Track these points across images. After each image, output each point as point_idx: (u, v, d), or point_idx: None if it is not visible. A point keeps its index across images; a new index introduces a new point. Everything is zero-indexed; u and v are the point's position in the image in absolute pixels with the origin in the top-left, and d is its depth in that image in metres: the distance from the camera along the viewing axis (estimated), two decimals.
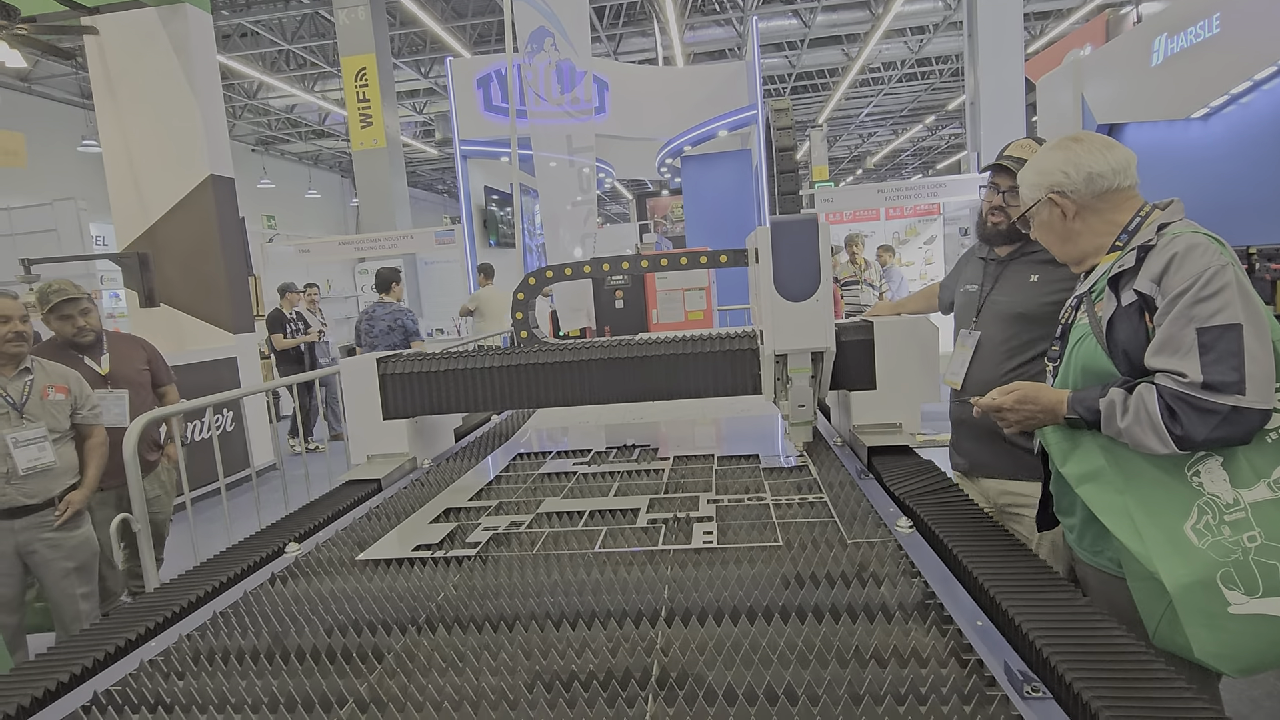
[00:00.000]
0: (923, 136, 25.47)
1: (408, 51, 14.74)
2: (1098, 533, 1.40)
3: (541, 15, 6.19)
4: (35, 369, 2.74)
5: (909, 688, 0.87)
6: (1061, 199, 1.44)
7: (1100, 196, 1.42)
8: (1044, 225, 1.51)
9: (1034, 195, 1.49)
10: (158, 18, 6.04)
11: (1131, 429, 1.25)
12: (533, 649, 1.03)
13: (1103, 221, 1.43)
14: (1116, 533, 1.29)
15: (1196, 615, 1.20)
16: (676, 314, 5.39)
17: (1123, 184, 1.41)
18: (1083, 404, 1.33)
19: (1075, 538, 1.50)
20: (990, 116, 11.18)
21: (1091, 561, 1.46)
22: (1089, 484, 1.35)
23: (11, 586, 2.67)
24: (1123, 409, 1.27)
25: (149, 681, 1.03)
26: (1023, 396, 1.42)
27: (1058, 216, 1.47)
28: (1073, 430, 1.39)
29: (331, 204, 23.95)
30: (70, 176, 13.31)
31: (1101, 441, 1.33)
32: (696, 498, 1.67)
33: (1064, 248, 1.51)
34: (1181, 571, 1.20)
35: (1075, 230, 1.46)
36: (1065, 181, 1.43)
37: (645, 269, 2.53)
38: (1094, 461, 1.34)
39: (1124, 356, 1.33)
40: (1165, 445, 1.23)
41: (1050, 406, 1.38)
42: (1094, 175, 1.40)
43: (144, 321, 6.36)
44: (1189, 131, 5.03)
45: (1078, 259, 1.50)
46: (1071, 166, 1.42)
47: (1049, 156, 1.46)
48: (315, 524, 1.70)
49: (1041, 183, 1.47)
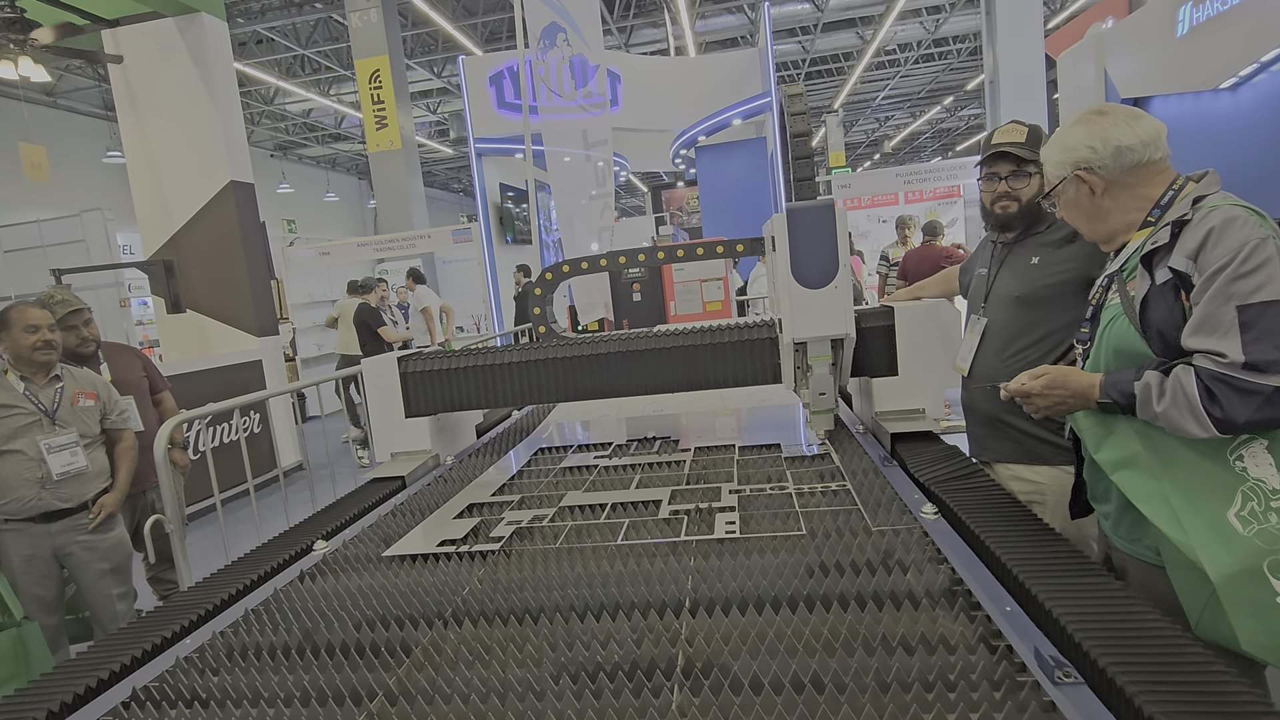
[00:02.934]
0: (941, 118, 25.06)
1: (420, 52, 14.80)
2: (1134, 520, 1.36)
3: (553, 11, 6.19)
4: (65, 376, 2.80)
5: (937, 675, 0.86)
6: (1089, 175, 1.39)
7: (1129, 171, 1.36)
8: (1071, 203, 1.46)
9: (1059, 173, 1.44)
10: (175, 28, 6.13)
11: (1169, 412, 1.21)
12: (558, 641, 1.04)
13: (1133, 197, 1.38)
14: (1155, 520, 1.24)
15: (1243, 605, 1.15)
16: (694, 305, 5.36)
17: (1153, 157, 1.35)
18: (1116, 387, 1.29)
19: (1111, 525, 1.46)
20: (1010, 95, 10.94)
21: (1129, 550, 1.42)
22: (1124, 470, 1.31)
23: (50, 588, 2.75)
24: (1159, 392, 1.22)
25: (185, 678, 1.05)
26: (1052, 381, 1.38)
27: (1085, 194, 1.41)
28: (1106, 415, 1.34)
29: (350, 206, 24.18)
30: (97, 187, 13.57)
31: (1137, 426, 1.29)
32: (718, 488, 1.66)
33: (1093, 226, 1.46)
34: (1226, 560, 1.16)
35: (1104, 207, 1.41)
36: (1092, 157, 1.37)
37: (661, 260, 2.52)
38: (1129, 447, 1.30)
39: (1159, 337, 1.28)
40: (1204, 429, 1.18)
41: (1081, 390, 1.34)
42: (1122, 149, 1.35)
43: (171, 327, 6.49)
44: (1217, 103, 4.89)
45: (1107, 237, 1.45)
46: (1098, 140, 1.36)
47: (1073, 132, 1.41)
48: (342, 521, 1.73)
49: (1067, 160, 1.41)
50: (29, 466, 2.62)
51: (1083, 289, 1.74)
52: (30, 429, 2.64)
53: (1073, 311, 1.80)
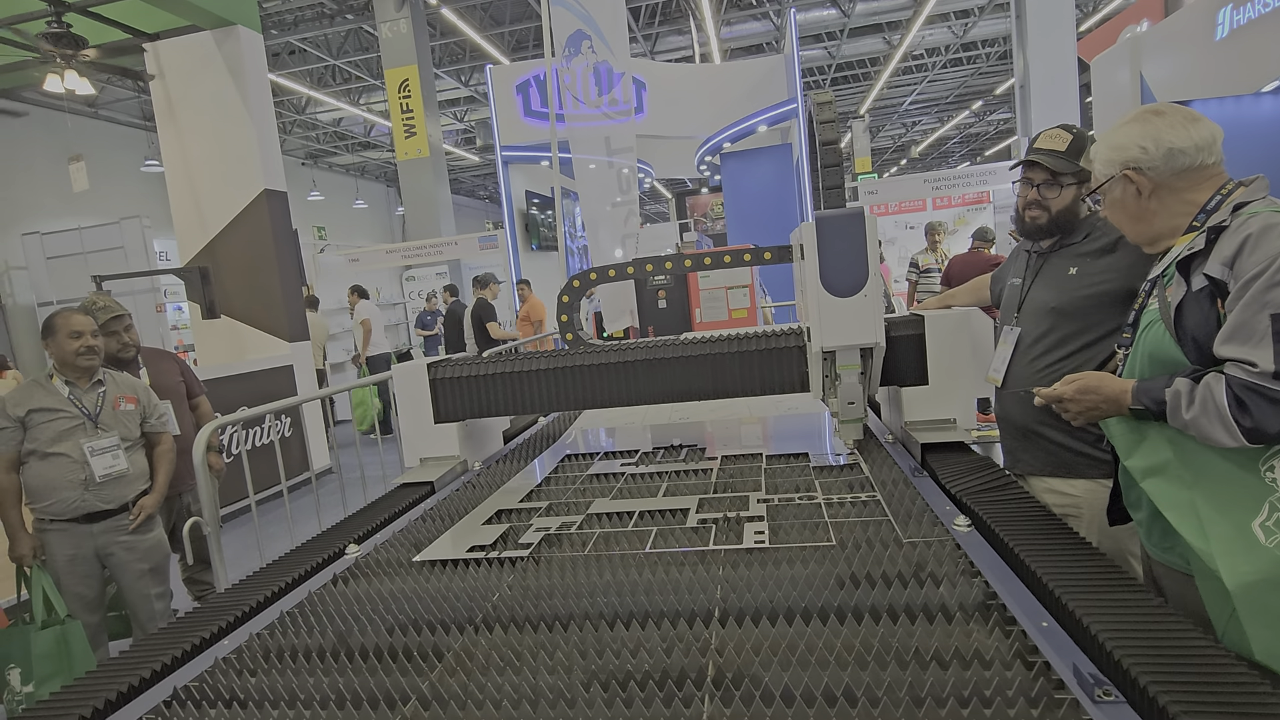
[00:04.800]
0: (970, 123, 24.76)
1: (448, 61, 15.02)
2: (1166, 528, 1.34)
3: (579, 19, 6.24)
4: (107, 381, 2.88)
5: (973, 690, 0.85)
6: (1137, 175, 1.36)
7: (1179, 174, 1.34)
8: (1116, 203, 1.43)
9: (1107, 171, 1.41)
10: (213, 40, 6.29)
11: (1198, 420, 1.19)
12: (588, 648, 1.04)
13: (1180, 201, 1.35)
14: (1180, 528, 1.23)
15: (1260, 615, 1.14)
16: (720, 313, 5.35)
17: (1205, 161, 1.33)
18: (1148, 394, 1.27)
19: (1145, 533, 1.44)
20: (1041, 99, 10.79)
21: (1161, 558, 1.40)
22: (1154, 477, 1.30)
23: (93, 587, 2.82)
24: (1188, 400, 1.21)
25: (223, 678, 1.08)
26: (1085, 386, 1.36)
27: (1132, 194, 1.39)
28: (1139, 421, 1.32)
29: (378, 213, 24.55)
30: (135, 196, 13.94)
31: (1169, 434, 1.27)
32: (746, 497, 1.66)
33: (1136, 227, 1.43)
34: (1245, 569, 1.15)
35: (1150, 209, 1.38)
36: (1143, 157, 1.35)
37: (689, 268, 2.52)
38: (1160, 454, 1.29)
39: (1193, 344, 1.26)
40: (1234, 438, 1.16)
41: (1114, 396, 1.33)
42: (1175, 151, 1.32)
43: (205, 332, 6.64)
44: (1259, 107, 4.78)
45: (1151, 240, 1.42)
46: (1150, 141, 1.34)
47: (1126, 130, 1.38)
48: (373, 526, 1.75)
49: (1116, 158, 1.39)
50: (73, 469, 2.70)
51: (1121, 300, 1.71)
52: (74, 432, 2.72)
53: (1110, 323, 1.77)
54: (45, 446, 2.68)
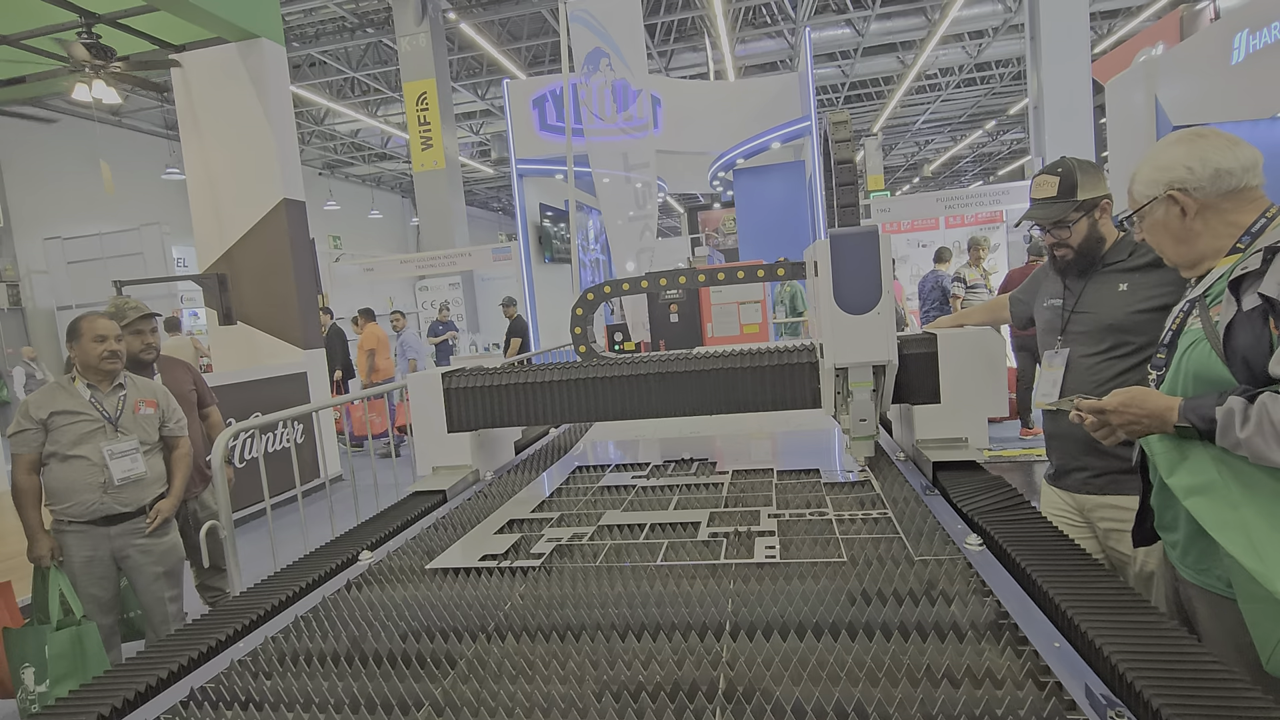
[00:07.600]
0: (983, 142, 24.78)
1: (465, 75, 15.22)
2: (1204, 549, 1.32)
3: (597, 37, 6.33)
4: (128, 384, 2.93)
5: (984, 709, 0.85)
6: (1183, 196, 1.36)
7: (1225, 196, 1.34)
8: (1158, 225, 1.43)
9: (1151, 192, 1.41)
10: (237, 53, 6.42)
11: (1252, 440, 1.17)
12: (600, 659, 1.05)
13: (1224, 223, 1.35)
14: (1231, 549, 1.20)
15: None
16: (731, 327, 5.37)
17: (1250, 183, 1.33)
18: (1196, 412, 1.25)
19: (1179, 555, 1.42)
20: (1055, 120, 10.79)
21: (1196, 580, 1.38)
22: (1199, 497, 1.27)
23: (108, 589, 2.85)
24: (1243, 419, 1.19)
25: (239, 680, 1.09)
26: (1128, 400, 1.34)
27: (1176, 215, 1.38)
28: (1181, 440, 1.31)
29: (393, 224, 24.80)
30: (154, 203, 14.18)
31: (1214, 452, 1.25)
32: (757, 512, 1.66)
33: (1178, 249, 1.42)
34: None
35: (1194, 230, 1.38)
36: (1189, 178, 1.35)
37: (703, 283, 2.54)
38: (1206, 473, 1.26)
39: (1244, 364, 1.24)
40: None
41: (1158, 413, 1.31)
42: (1221, 172, 1.33)
43: (222, 338, 6.71)
44: (1274, 133, 4.77)
45: (1193, 261, 1.41)
46: (1197, 161, 1.34)
47: (1170, 151, 1.38)
48: (386, 533, 1.77)
49: (1161, 179, 1.39)
50: (92, 471, 2.73)
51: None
52: (95, 435, 2.76)
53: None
54: (66, 449, 2.72)
